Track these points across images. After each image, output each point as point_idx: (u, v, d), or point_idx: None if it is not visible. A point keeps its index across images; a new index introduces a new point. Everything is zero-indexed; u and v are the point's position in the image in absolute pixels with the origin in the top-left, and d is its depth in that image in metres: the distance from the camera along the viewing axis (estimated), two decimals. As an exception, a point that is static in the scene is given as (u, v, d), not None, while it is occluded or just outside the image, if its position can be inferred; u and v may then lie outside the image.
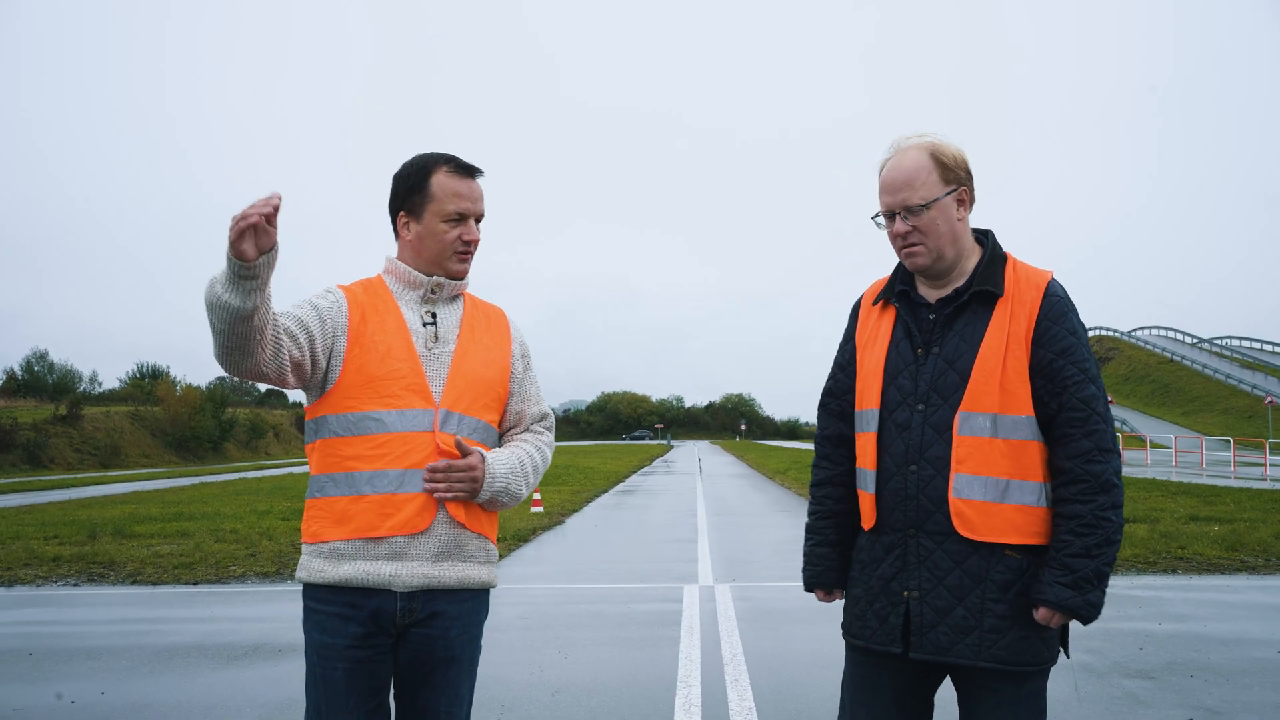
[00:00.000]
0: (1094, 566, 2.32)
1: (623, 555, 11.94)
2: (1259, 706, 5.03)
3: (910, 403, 2.47)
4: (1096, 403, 2.38)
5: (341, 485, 2.51)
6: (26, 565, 10.89)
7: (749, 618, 7.44)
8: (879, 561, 2.51)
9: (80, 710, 5.22)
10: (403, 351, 2.57)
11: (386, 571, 2.47)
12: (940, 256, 2.50)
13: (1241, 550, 10.81)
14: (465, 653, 2.63)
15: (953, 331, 2.47)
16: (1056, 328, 2.41)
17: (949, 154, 2.50)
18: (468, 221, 2.65)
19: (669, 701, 5.20)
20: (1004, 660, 2.35)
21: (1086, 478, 2.34)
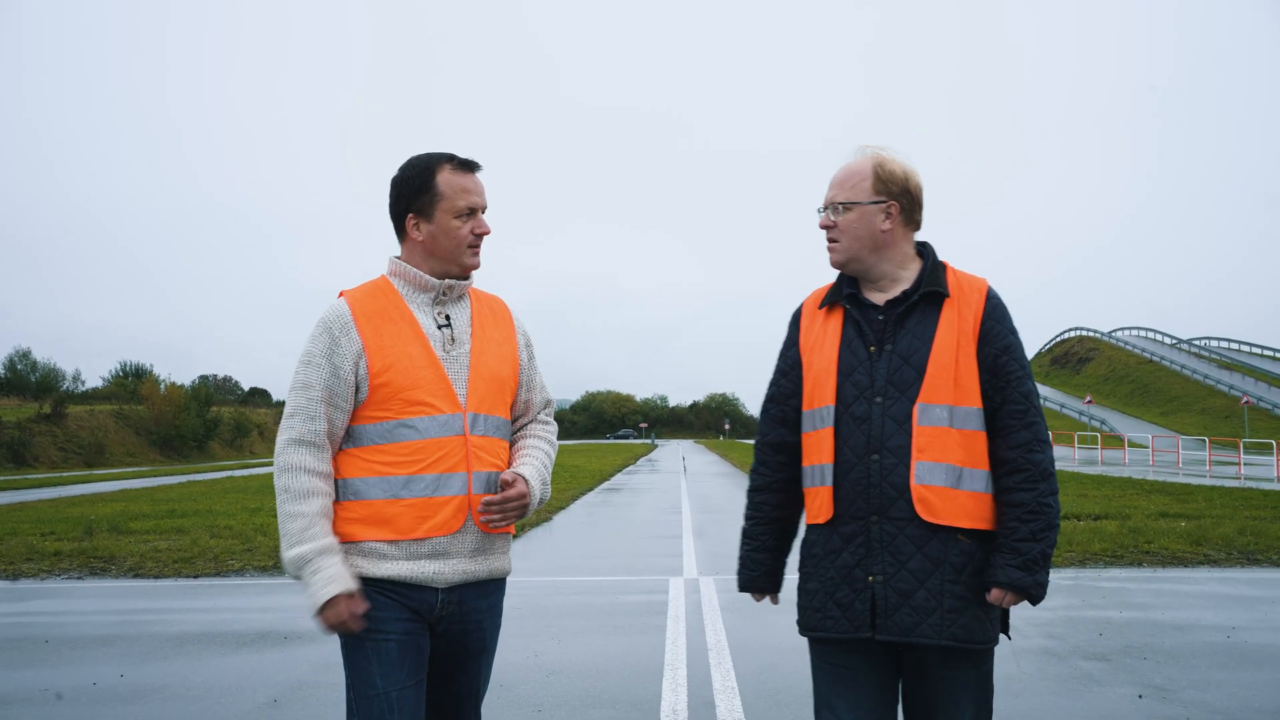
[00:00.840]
0: (1040, 549, 2.49)
1: (610, 550, 12.29)
2: (1202, 684, 5.43)
3: (868, 396, 2.58)
4: (1034, 397, 2.57)
5: (378, 489, 2.58)
6: (29, 560, 11.17)
7: (732, 608, 7.80)
8: (838, 551, 2.60)
9: (103, 691, 5.55)
10: (424, 358, 2.64)
11: (430, 570, 2.58)
12: (854, 258, 2.67)
13: (1205, 544, 11.23)
14: (494, 643, 2.79)
15: (904, 330, 2.61)
16: (999, 327, 2.59)
17: (891, 170, 2.66)
18: (478, 215, 2.72)
19: (656, 682, 5.56)
20: (961, 639, 2.48)
21: (1028, 466, 2.51)
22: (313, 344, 2.63)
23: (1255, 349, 74.16)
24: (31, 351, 72.90)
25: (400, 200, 2.72)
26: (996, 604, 2.52)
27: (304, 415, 2.58)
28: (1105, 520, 13.80)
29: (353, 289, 2.74)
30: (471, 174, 2.72)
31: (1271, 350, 72.14)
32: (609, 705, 5.17)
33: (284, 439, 2.59)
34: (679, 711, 4.97)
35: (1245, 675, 5.61)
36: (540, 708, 5.12)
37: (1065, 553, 10.68)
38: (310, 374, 2.59)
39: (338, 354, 2.60)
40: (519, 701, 5.21)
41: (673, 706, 5.07)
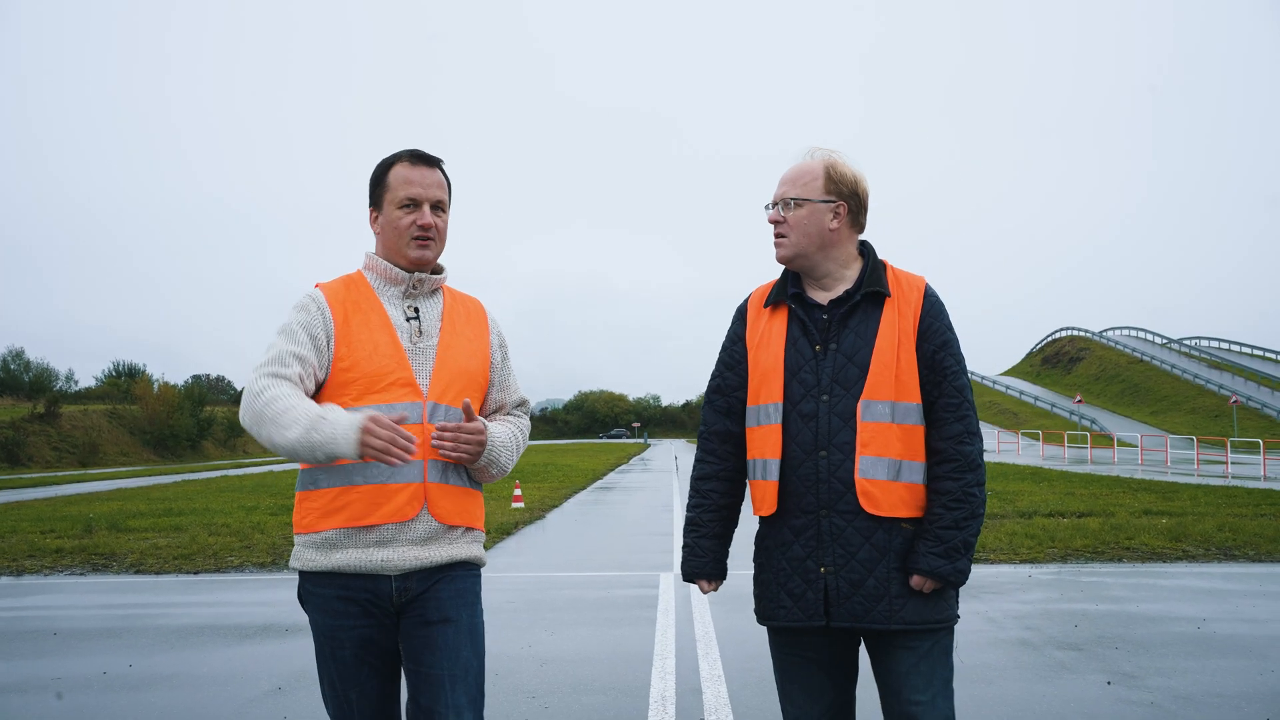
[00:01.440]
0: (962, 538, 2.59)
1: (602, 547, 12.50)
2: (1170, 671, 5.66)
3: (814, 394, 2.66)
4: (967, 391, 2.67)
5: (333, 476, 2.59)
6: (30, 556, 11.37)
7: (720, 601, 8.01)
8: (789, 544, 2.68)
9: (113, 679, 5.76)
10: (389, 347, 2.66)
11: (378, 557, 2.58)
12: (801, 254, 2.74)
13: (1185, 541, 11.48)
14: (461, 616, 2.68)
15: (848, 329, 2.68)
16: (938, 323, 2.68)
17: (841, 172, 2.74)
18: (421, 207, 2.71)
19: (646, 671, 5.78)
20: (912, 621, 2.59)
21: (958, 457, 2.62)
22: (289, 319, 2.66)
23: (1245, 349, 74.53)
24: (25, 351, 72.86)
25: (369, 195, 2.79)
26: (918, 589, 2.61)
27: (279, 363, 2.57)
28: (1089, 518, 14.05)
29: (328, 281, 2.79)
30: (423, 167, 2.73)
31: (1261, 350, 72.54)
32: (601, 692, 5.38)
33: (258, 376, 2.55)
34: (667, 698, 5.19)
35: (1211, 663, 5.85)
36: (534, 694, 5.33)
37: (1048, 548, 10.93)
38: (286, 342, 2.61)
39: (313, 326, 2.63)
40: (514, 689, 5.43)
41: (661, 693, 5.28)
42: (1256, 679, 5.48)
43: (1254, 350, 73.53)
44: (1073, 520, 13.76)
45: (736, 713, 4.89)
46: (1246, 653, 6.10)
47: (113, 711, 5.10)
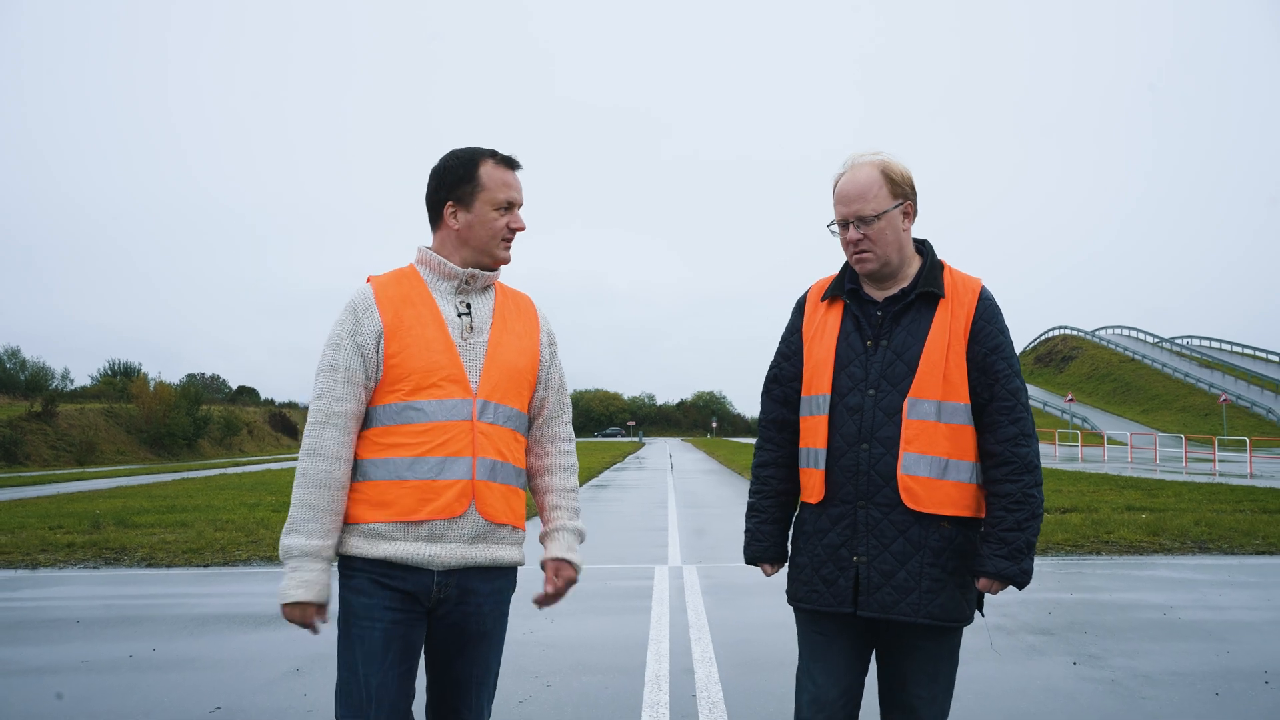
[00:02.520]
0: (1025, 539, 2.63)
1: (598, 541, 12.84)
2: (1132, 652, 6.04)
3: (861, 388, 2.72)
4: (1021, 394, 2.70)
5: (383, 470, 2.62)
6: (43, 551, 11.70)
7: (712, 591, 8.39)
8: (826, 531, 2.75)
9: (139, 661, 6.11)
10: (440, 343, 2.68)
11: (426, 552, 2.60)
12: (887, 262, 2.76)
13: (1162, 535, 11.87)
14: (496, 628, 2.79)
15: (900, 327, 2.74)
16: (990, 327, 2.71)
17: (897, 172, 2.77)
18: (514, 210, 2.79)
19: (642, 653, 6.14)
20: (937, 617, 2.64)
21: (1014, 459, 2.64)
22: (339, 327, 2.69)
23: (1237, 348, 75.10)
24: (21, 350, 73.01)
25: (441, 188, 2.78)
26: (986, 591, 2.68)
27: (330, 397, 2.63)
28: (1073, 513, 14.43)
29: (379, 275, 2.81)
30: (512, 170, 2.80)
31: (1252, 349, 73.11)
32: (599, 672, 5.75)
33: (312, 421, 2.65)
34: (661, 678, 5.54)
35: (1173, 645, 6.23)
36: (538, 674, 5.70)
37: (1029, 542, 11.28)
38: (337, 356, 2.65)
39: (360, 334, 2.66)
40: (519, 670, 5.78)
41: (656, 673, 5.64)
42: (1212, 659, 5.85)
43: (1245, 349, 74.14)
44: (1056, 516, 14.13)
45: (726, 691, 5.25)
46: (1207, 636, 6.48)
47: (143, 690, 5.45)
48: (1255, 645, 6.24)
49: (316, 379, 2.67)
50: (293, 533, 2.59)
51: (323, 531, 2.58)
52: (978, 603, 2.78)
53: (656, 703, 5.03)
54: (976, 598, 2.76)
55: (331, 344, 2.68)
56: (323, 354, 2.69)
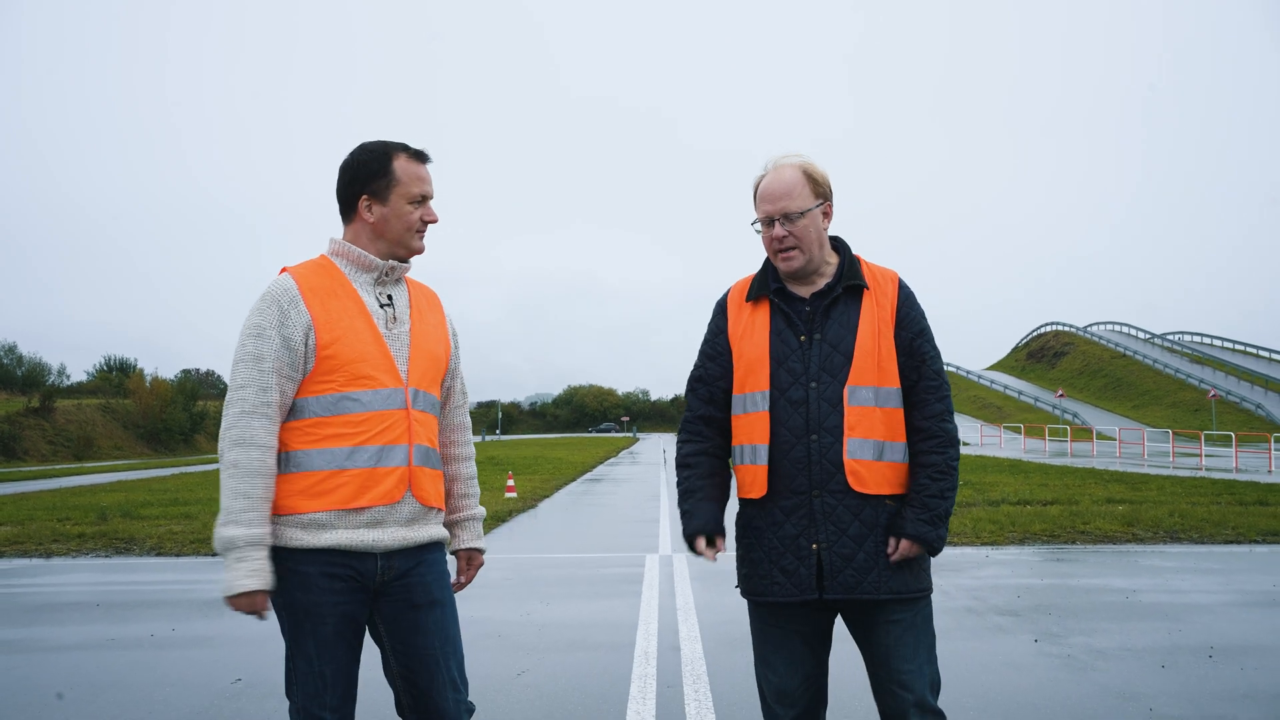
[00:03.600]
0: (944, 506, 2.76)
1: (592, 532, 13.27)
2: (1091, 631, 6.45)
3: (803, 381, 2.80)
4: (944, 374, 2.86)
5: (320, 460, 2.64)
6: (55, 541, 12.09)
7: (700, 578, 8.80)
8: (780, 523, 2.81)
9: (160, 640, 6.51)
10: (369, 333, 2.72)
11: (369, 538, 2.65)
12: (810, 259, 2.87)
13: (1136, 525, 12.29)
14: (444, 595, 2.82)
15: (831, 320, 2.84)
16: (913, 313, 2.86)
17: (818, 173, 2.88)
18: (427, 203, 2.83)
19: (632, 632, 6.54)
20: (899, 591, 2.76)
21: (941, 434, 2.80)
22: (260, 317, 2.66)
23: (1227, 344, 75.56)
24: (17, 346, 73.26)
25: (355, 182, 2.80)
26: (903, 555, 2.75)
27: (257, 386, 2.62)
28: (1053, 505, 14.85)
29: (295, 266, 2.81)
30: (424, 164, 2.84)
31: (1243, 345, 73.59)
32: (592, 649, 6.15)
33: (235, 411, 2.62)
34: (650, 654, 5.94)
35: (1130, 625, 6.64)
36: (532, 650, 6.10)
37: (1008, 532, 11.73)
38: (261, 346, 2.63)
39: (287, 326, 2.64)
40: (514, 647, 6.18)
41: (645, 650, 6.04)
42: (1164, 637, 6.27)
43: (1235, 345, 74.58)
44: (1037, 508, 14.55)
45: (709, 665, 5.65)
46: (1163, 617, 6.89)
47: (167, 664, 5.85)
48: (1206, 624, 6.65)
49: (237, 369, 2.65)
50: (232, 524, 2.56)
51: (261, 520, 2.58)
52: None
53: (645, 675, 5.43)
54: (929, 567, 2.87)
55: (253, 334, 2.65)
56: (242, 344, 2.66)
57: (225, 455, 2.61)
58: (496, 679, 5.41)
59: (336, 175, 2.84)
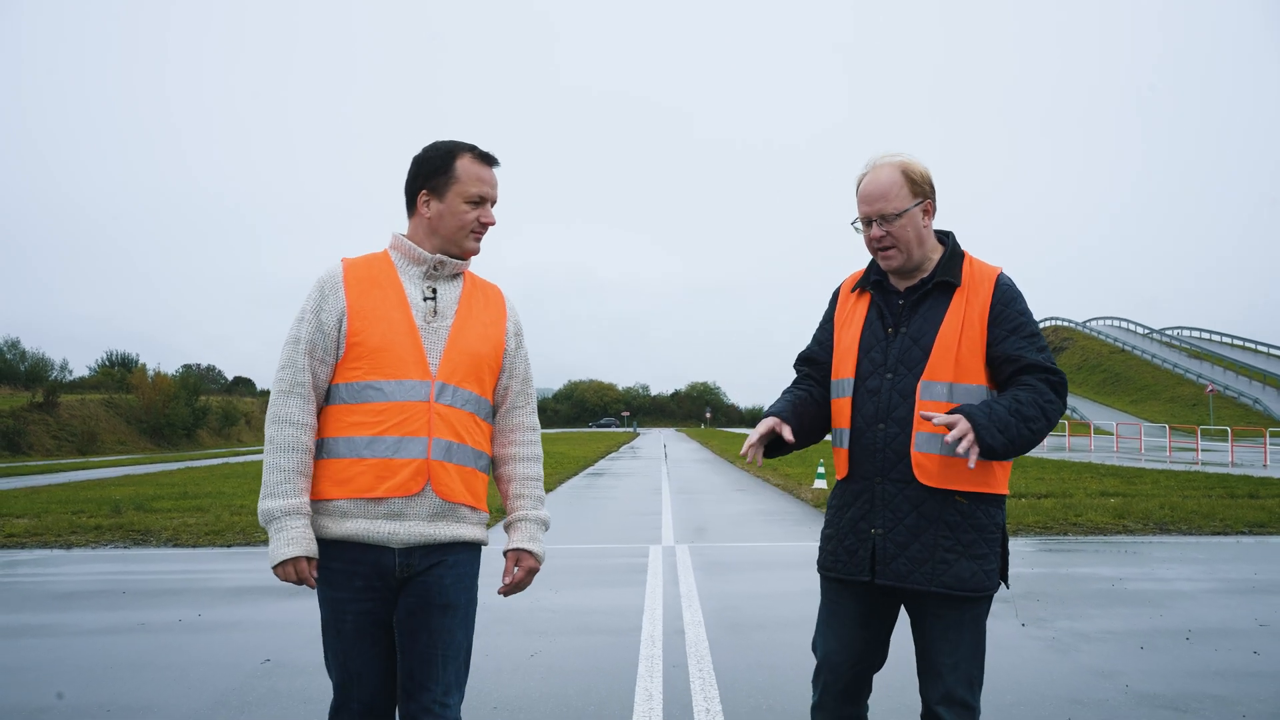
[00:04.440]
0: (1016, 421, 2.64)
1: (596, 524, 13.58)
2: (1075, 616, 6.77)
3: (880, 372, 2.86)
4: (1052, 366, 2.78)
5: (344, 448, 2.71)
6: (74, 533, 12.39)
7: (702, 567, 9.11)
8: (849, 505, 2.90)
9: (188, 624, 6.83)
10: (403, 325, 2.76)
11: (385, 530, 2.68)
12: (909, 257, 2.90)
13: (1127, 518, 12.60)
14: (460, 601, 2.81)
15: (917, 315, 2.87)
16: (1008, 310, 2.82)
17: (917, 172, 2.89)
18: (486, 205, 2.86)
19: (638, 617, 6.85)
20: (951, 586, 2.74)
21: (1043, 388, 2.72)
22: (305, 301, 2.79)
23: (1225, 339, 75.85)
24: (20, 341, 73.56)
25: (418, 177, 2.86)
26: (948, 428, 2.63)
27: (293, 367, 2.73)
28: (1047, 499, 15.15)
29: (354, 256, 2.90)
30: (489, 166, 2.88)
31: (1241, 340, 73.87)
32: (600, 632, 6.46)
33: (275, 390, 2.75)
34: (655, 637, 6.25)
35: (1113, 610, 6.95)
36: (544, 633, 6.41)
37: (1001, 524, 12.01)
38: (299, 329, 2.76)
39: (324, 310, 2.75)
40: (526, 630, 6.49)
41: (650, 634, 6.35)
42: (1145, 621, 6.58)
43: (1234, 340, 74.87)
44: (1031, 500, 14.86)
45: (712, 647, 5.95)
46: (1146, 603, 7.21)
47: (197, 646, 6.16)
48: (1186, 610, 6.97)
49: (282, 350, 2.78)
50: (269, 497, 2.66)
51: (296, 491, 2.66)
52: (1002, 574, 2.86)
53: (651, 656, 5.74)
54: (1001, 569, 2.85)
55: (297, 317, 2.79)
56: (290, 327, 2.80)
57: (267, 432, 2.73)
58: (511, 660, 5.73)
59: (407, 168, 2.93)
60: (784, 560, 9.71)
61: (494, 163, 2.90)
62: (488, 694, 5.01)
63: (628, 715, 4.64)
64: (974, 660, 2.82)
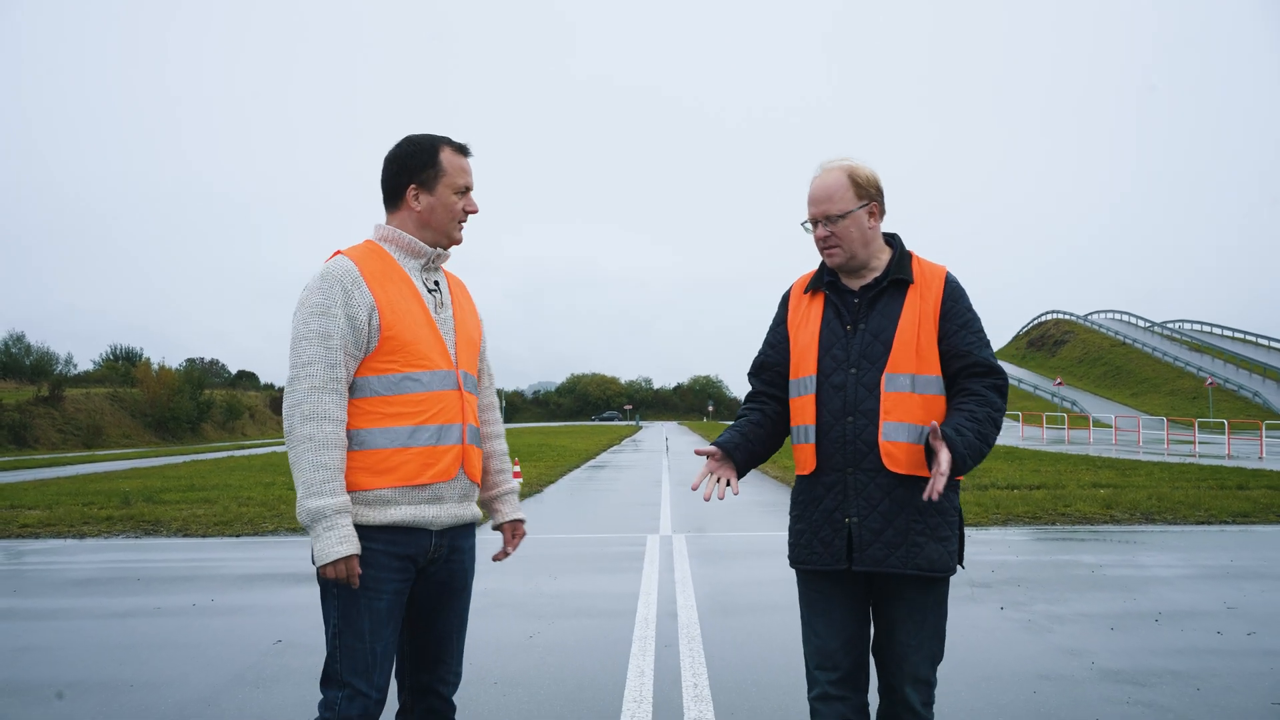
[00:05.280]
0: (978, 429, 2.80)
1: (596, 514, 13.88)
2: (1053, 599, 7.05)
3: (844, 368, 2.97)
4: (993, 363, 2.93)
5: (384, 438, 2.76)
6: (86, 523, 12.72)
7: (698, 555, 9.41)
8: (821, 498, 2.98)
9: (203, 609, 7.13)
10: (423, 317, 2.86)
11: (429, 514, 2.80)
12: (853, 256, 3.03)
13: (1115, 508, 12.88)
14: (470, 581, 3.03)
15: (875, 311, 2.99)
16: (957, 306, 2.96)
17: (863, 175, 3.01)
18: (469, 194, 2.98)
19: (633, 601, 7.15)
20: (924, 568, 2.87)
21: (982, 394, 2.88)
22: (323, 296, 2.75)
23: (1227, 332, 76.04)
24: (25, 335, 73.89)
25: (403, 173, 2.92)
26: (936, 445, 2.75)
27: (325, 363, 2.71)
28: (1039, 490, 15.44)
29: (349, 249, 2.91)
30: (466, 157, 2.98)
31: (1242, 333, 74.08)
32: (596, 615, 6.76)
33: (305, 387, 2.70)
34: (649, 619, 6.54)
35: (1090, 595, 7.24)
36: (542, 616, 6.71)
37: (991, 514, 12.32)
38: (328, 324, 2.72)
39: (351, 305, 2.74)
40: (526, 614, 6.79)
41: (644, 616, 6.64)
42: (1118, 604, 6.88)
43: (1234, 333, 75.06)
44: (1023, 492, 15.14)
45: (703, 628, 6.24)
46: (1122, 588, 7.49)
47: (212, 629, 6.47)
48: (1159, 594, 7.26)
49: (304, 346, 2.73)
50: (316, 495, 2.65)
51: (341, 489, 2.68)
52: (959, 556, 2.98)
53: (644, 636, 6.03)
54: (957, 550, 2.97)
55: (318, 312, 2.74)
56: (305, 322, 2.74)
57: (297, 430, 2.69)
58: (510, 641, 6.02)
59: (382, 166, 2.97)
60: (778, 549, 9.93)
61: (469, 153, 3.00)
62: (489, 671, 5.31)
63: (620, 689, 4.94)
64: (936, 640, 2.97)
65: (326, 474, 2.67)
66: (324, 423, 2.69)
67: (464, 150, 2.98)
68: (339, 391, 2.72)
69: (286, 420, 2.73)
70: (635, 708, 4.64)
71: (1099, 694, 4.80)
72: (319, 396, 2.69)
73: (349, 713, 2.73)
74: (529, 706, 4.73)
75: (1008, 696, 4.77)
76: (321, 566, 2.67)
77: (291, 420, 2.70)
